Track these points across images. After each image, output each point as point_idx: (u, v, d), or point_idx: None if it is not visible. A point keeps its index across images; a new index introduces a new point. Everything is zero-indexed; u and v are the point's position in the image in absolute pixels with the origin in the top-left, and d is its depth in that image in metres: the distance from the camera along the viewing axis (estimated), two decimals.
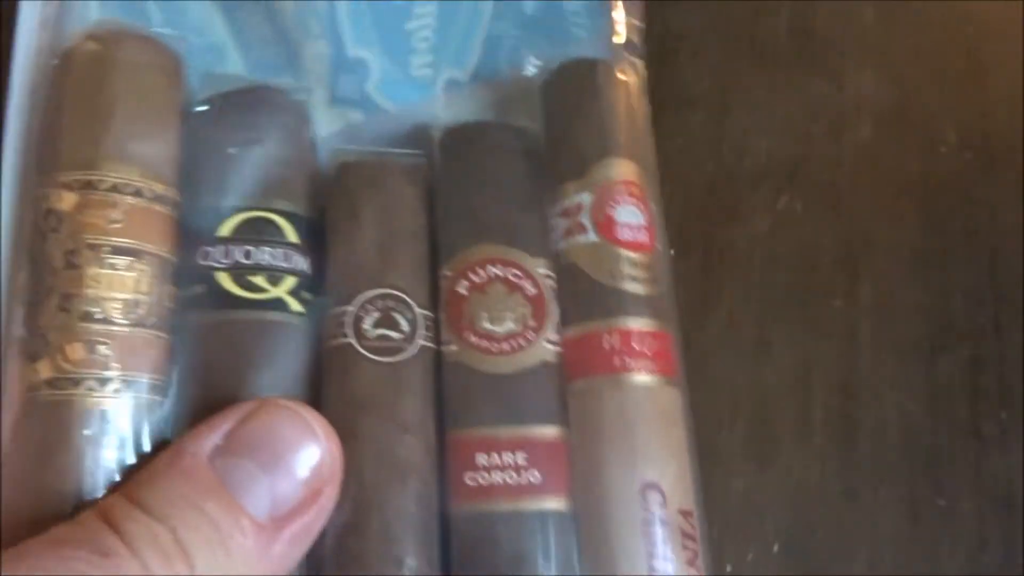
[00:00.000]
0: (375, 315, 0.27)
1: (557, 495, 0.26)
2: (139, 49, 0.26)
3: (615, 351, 0.27)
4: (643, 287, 0.28)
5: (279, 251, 0.27)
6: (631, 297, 0.27)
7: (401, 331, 0.27)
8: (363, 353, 0.26)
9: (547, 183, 0.29)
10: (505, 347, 0.27)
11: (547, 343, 0.27)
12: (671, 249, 0.31)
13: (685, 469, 0.27)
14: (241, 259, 0.26)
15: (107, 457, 0.23)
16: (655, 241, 0.29)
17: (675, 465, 0.26)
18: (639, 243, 0.28)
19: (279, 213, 0.27)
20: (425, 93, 0.32)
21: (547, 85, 0.31)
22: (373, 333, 0.26)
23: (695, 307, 0.36)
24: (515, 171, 0.29)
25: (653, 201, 0.30)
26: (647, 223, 0.29)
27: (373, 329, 0.26)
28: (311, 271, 0.27)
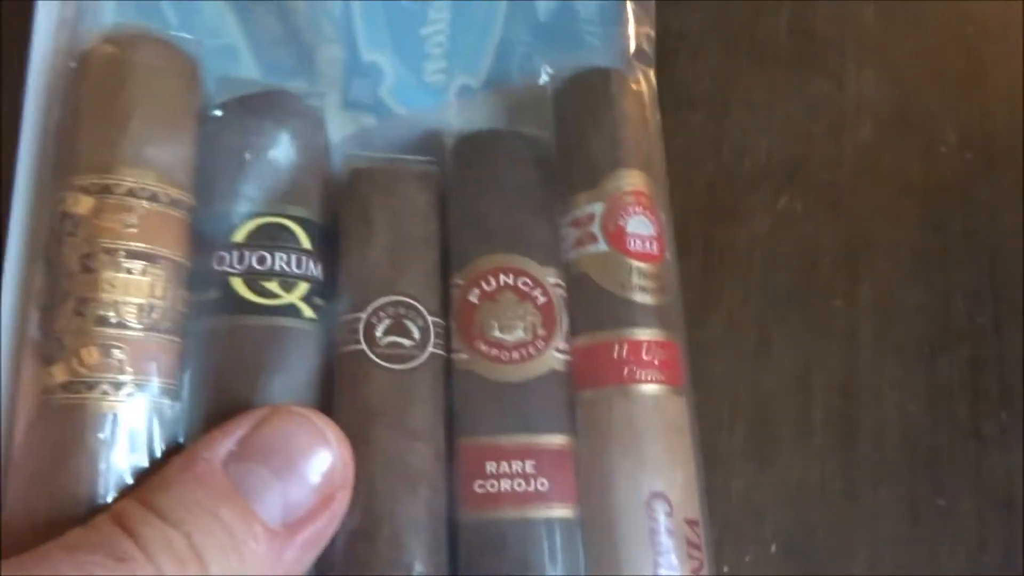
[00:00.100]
0: (387, 322, 0.27)
1: (564, 503, 0.26)
2: (156, 53, 0.26)
3: (624, 361, 0.27)
4: (652, 297, 0.28)
5: (293, 257, 0.27)
6: (640, 307, 0.28)
7: (412, 339, 0.27)
8: (374, 360, 0.26)
9: (558, 192, 0.29)
10: (515, 356, 0.27)
11: (556, 352, 0.27)
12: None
13: (691, 479, 0.27)
14: (255, 265, 0.26)
15: (120, 460, 0.24)
16: (664, 251, 0.29)
17: (681, 475, 0.27)
18: (649, 254, 0.28)
19: (293, 219, 0.27)
20: (438, 99, 0.32)
21: (559, 93, 0.31)
22: (384, 340, 0.27)
23: (695, 307, 0.36)
24: (527, 180, 0.29)
25: (662, 211, 0.30)
26: (657, 233, 0.29)
27: (384, 336, 0.27)
28: (323, 277, 0.27)
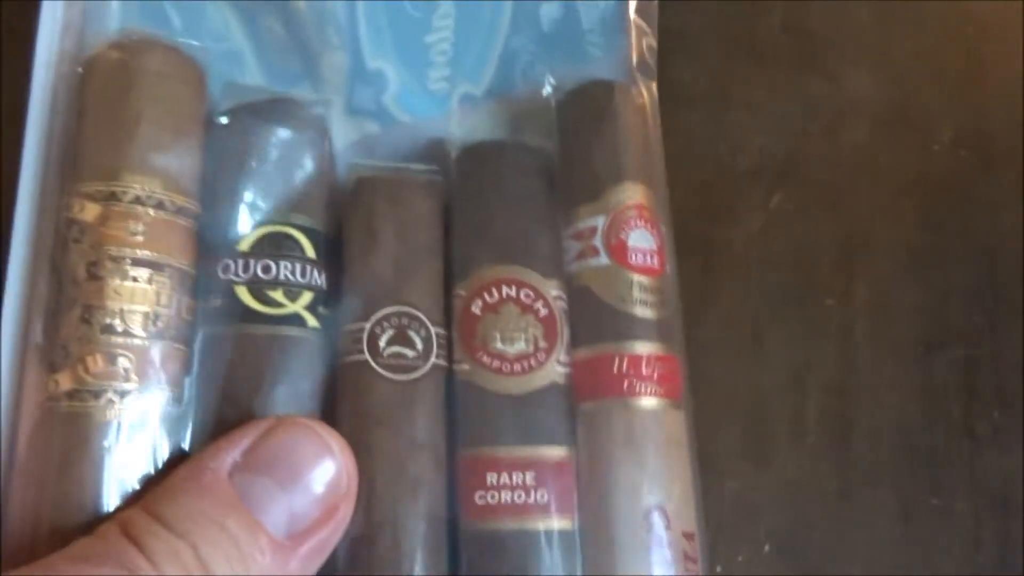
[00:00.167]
0: (390, 332, 0.27)
1: (563, 514, 0.26)
2: (164, 59, 0.26)
3: (624, 374, 0.27)
4: (653, 311, 0.28)
5: (297, 266, 0.27)
6: (641, 321, 0.28)
7: (415, 349, 0.27)
8: (378, 370, 0.26)
9: (560, 203, 0.30)
10: (516, 368, 0.27)
11: (557, 364, 0.28)
12: None
13: (688, 492, 0.27)
14: (260, 274, 0.26)
15: (125, 468, 0.24)
16: (664, 265, 0.29)
17: (679, 488, 0.27)
18: (650, 267, 0.29)
19: (298, 228, 0.27)
20: (441, 107, 0.32)
21: (563, 105, 0.31)
22: (388, 351, 0.27)
23: (690, 306, 0.36)
24: (531, 191, 0.29)
25: (663, 224, 0.30)
26: (657, 247, 0.29)
27: (388, 347, 0.27)
28: (327, 286, 0.27)
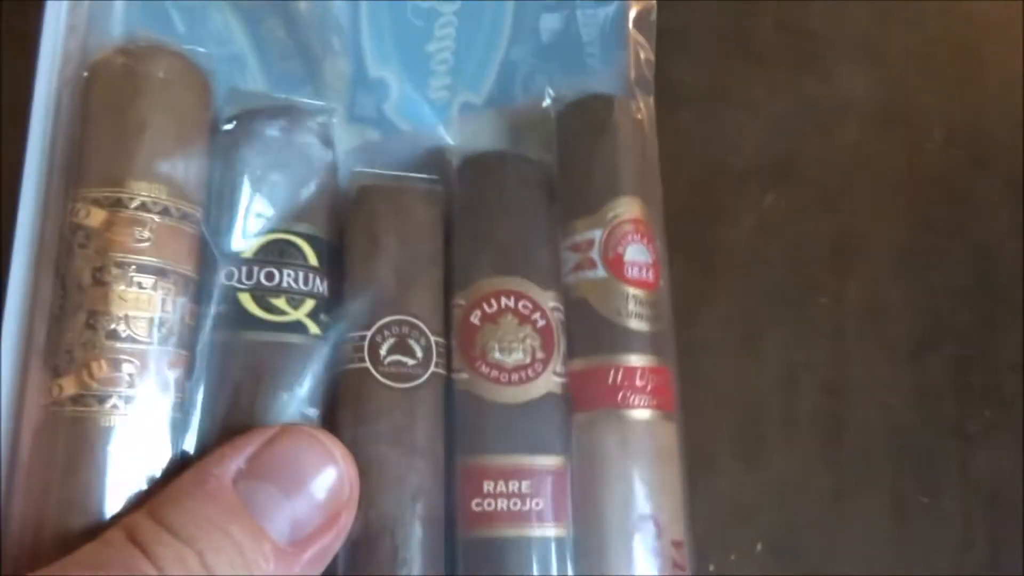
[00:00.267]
0: (391, 341, 0.27)
1: (558, 522, 0.27)
2: (171, 65, 0.26)
3: (619, 386, 0.28)
4: (647, 324, 0.29)
5: (300, 274, 0.27)
6: (636, 334, 0.29)
7: (415, 358, 0.27)
8: (378, 378, 0.27)
9: (559, 216, 0.30)
10: (514, 378, 0.28)
11: (554, 375, 0.28)
12: None
13: (678, 502, 0.28)
14: (263, 281, 0.27)
15: (129, 473, 0.24)
16: (659, 279, 0.30)
17: (669, 498, 0.28)
18: (645, 281, 0.29)
19: (301, 236, 0.27)
20: (440, 115, 0.33)
21: (563, 117, 0.31)
22: (388, 359, 0.27)
23: (684, 305, 0.36)
24: (531, 203, 0.30)
25: (658, 238, 0.31)
26: (653, 261, 0.30)
27: (388, 355, 0.27)
28: (328, 294, 0.28)
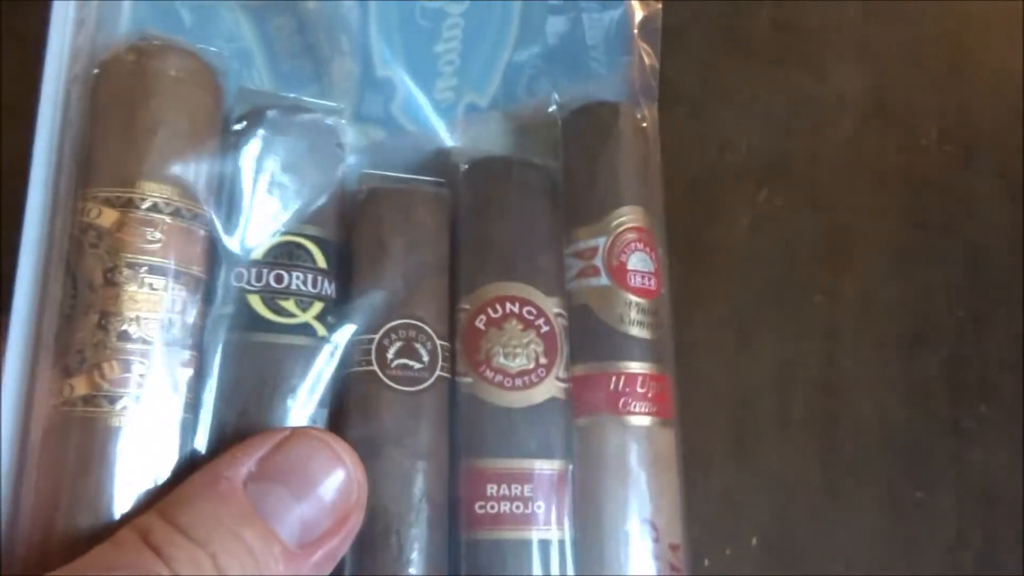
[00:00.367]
0: (398, 344, 0.28)
1: (559, 525, 0.28)
2: (181, 64, 0.26)
3: (620, 392, 0.29)
4: (648, 332, 0.30)
5: (309, 276, 0.27)
6: (637, 341, 0.29)
7: (421, 361, 0.28)
8: (385, 382, 0.27)
9: (564, 222, 0.31)
10: (518, 383, 0.28)
11: (557, 380, 0.29)
12: None
13: (676, 505, 0.29)
14: (272, 283, 0.27)
15: (139, 473, 0.24)
16: (660, 287, 0.31)
17: (668, 503, 0.29)
18: (647, 289, 0.30)
19: (310, 238, 0.28)
20: (446, 116, 0.33)
21: (568, 123, 0.32)
22: (395, 362, 0.27)
23: (676, 303, 0.36)
24: (536, 209, 0.30)
25: (660, 246, 0.31)
26: (655, 269, 0.30)
27: (395, 359, 0.27)
28: (336, 296, 0.28)
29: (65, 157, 0.26)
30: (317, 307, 0.27)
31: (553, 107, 0.32)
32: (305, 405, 0.27)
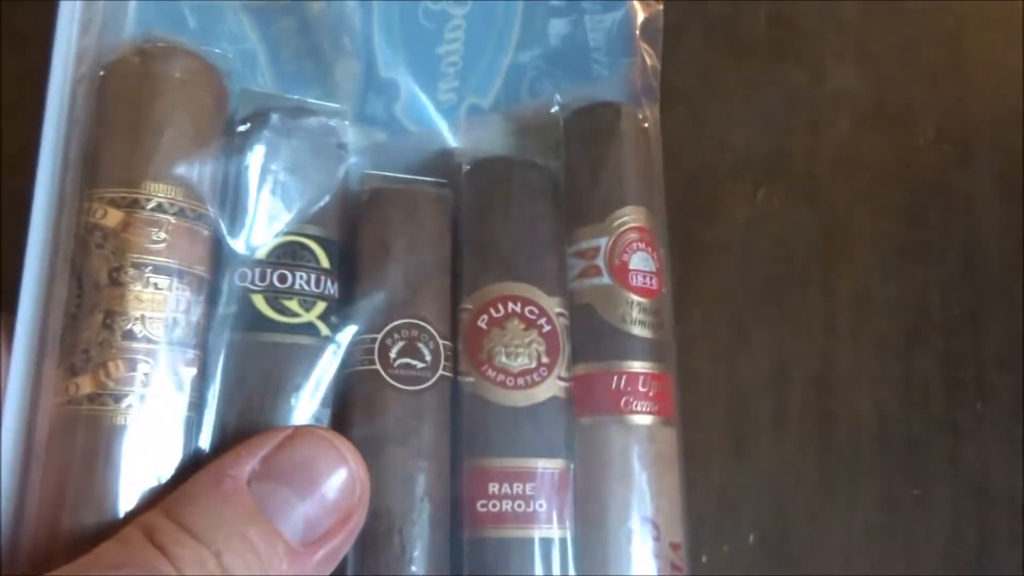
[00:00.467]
0: (400, 344, 0.28)
1: (561, 524, 0.28)
2: (188, 66, 0.27)
3: (622, 392, 0.29)
4: (650, 331, 0.30)
5: (312, 276, 0.27)
6: (639, 341, 0.29)
7: (424, 361, 0.28)
8: (388, 381, 0.27)
9: (565, 222, 0.31)
10: (520, 382, 0.28)
11: (558, 379, 0.29)
12: None
13: (676, 504, 0.29)
14: (276, 283, 0.27)
15: (144, 472, 0.24)
16: (662, 286, 0.31)
17: (669, 502, 0.29)
18: (649, 289, 0.30)
19: (313, 238, 0.28)
20: (448, 117, 0.33)
21: (570, 124, 0.32)
22: (398, 362, 0.28)
23: (675, 300, 0.35)
24: (538, 210, 0.30)
25: (662, 246, 0.31)
26: (656, 269, 0.31)
27: (398, 358, 0.28)
28: (339, 296, 0.28)
29: (71, 157, 0.27)
30: (320, 307, 0.28)
31: (555, 108, 0.32)
32: (308, 404, 0.27)
